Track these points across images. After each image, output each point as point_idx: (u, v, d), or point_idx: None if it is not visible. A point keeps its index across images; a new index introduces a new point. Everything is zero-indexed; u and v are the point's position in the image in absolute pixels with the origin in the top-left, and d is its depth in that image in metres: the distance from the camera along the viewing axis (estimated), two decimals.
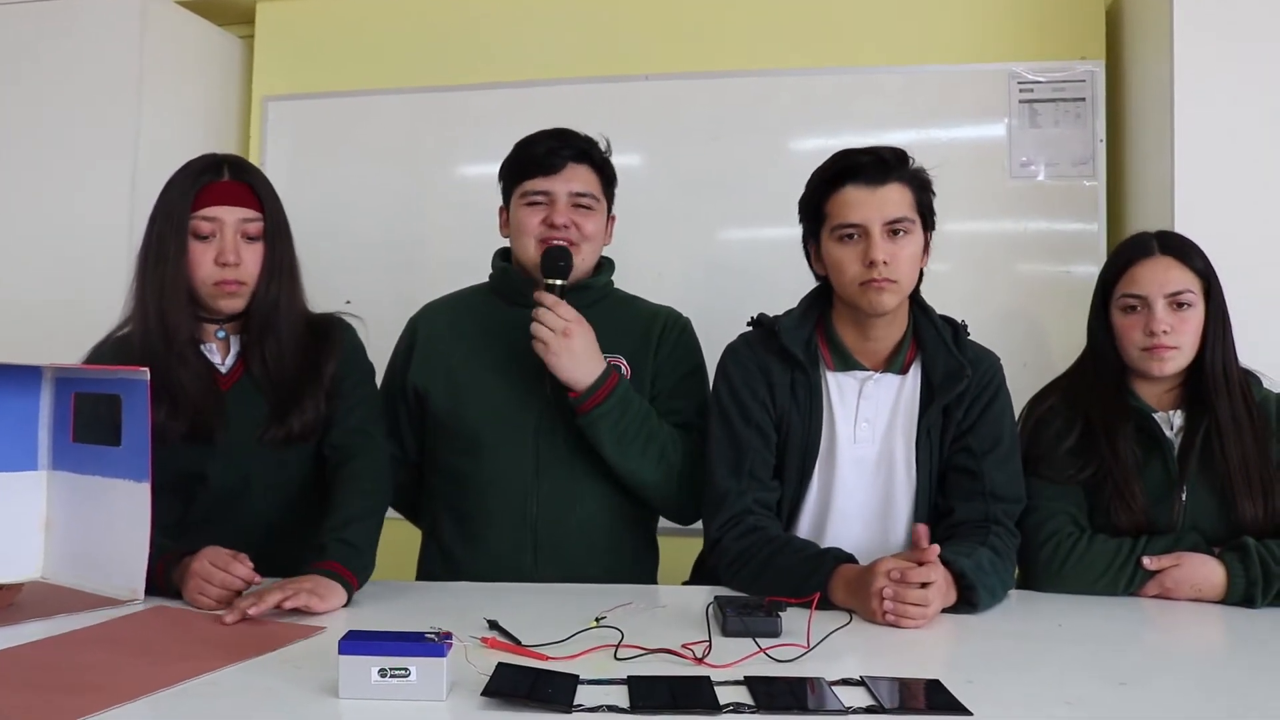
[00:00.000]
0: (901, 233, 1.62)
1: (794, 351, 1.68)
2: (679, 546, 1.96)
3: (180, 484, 1.61)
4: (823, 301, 1.75)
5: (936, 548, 1.43)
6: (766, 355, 1.71)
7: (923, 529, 1.46)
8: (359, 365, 1.77)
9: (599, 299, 1.86)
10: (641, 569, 1.88)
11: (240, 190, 1.63)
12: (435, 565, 1.86)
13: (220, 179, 1.62)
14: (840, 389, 1.70)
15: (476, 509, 1.80)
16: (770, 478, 1.70)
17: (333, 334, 1.73)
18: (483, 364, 1.82)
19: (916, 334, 1.71)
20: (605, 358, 1.73)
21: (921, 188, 1.67)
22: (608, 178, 1.86)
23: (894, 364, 1.70)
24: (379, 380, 1.87)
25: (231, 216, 1.61)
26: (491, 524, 1.79)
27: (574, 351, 1.67)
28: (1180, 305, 1.67)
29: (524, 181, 1.81)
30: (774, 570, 1.55)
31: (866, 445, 1.69)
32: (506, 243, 1.90)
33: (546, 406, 1.76)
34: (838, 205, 1.64)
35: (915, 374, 1.70)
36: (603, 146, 1.86)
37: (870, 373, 1.70)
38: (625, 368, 1.81)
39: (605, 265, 1.91)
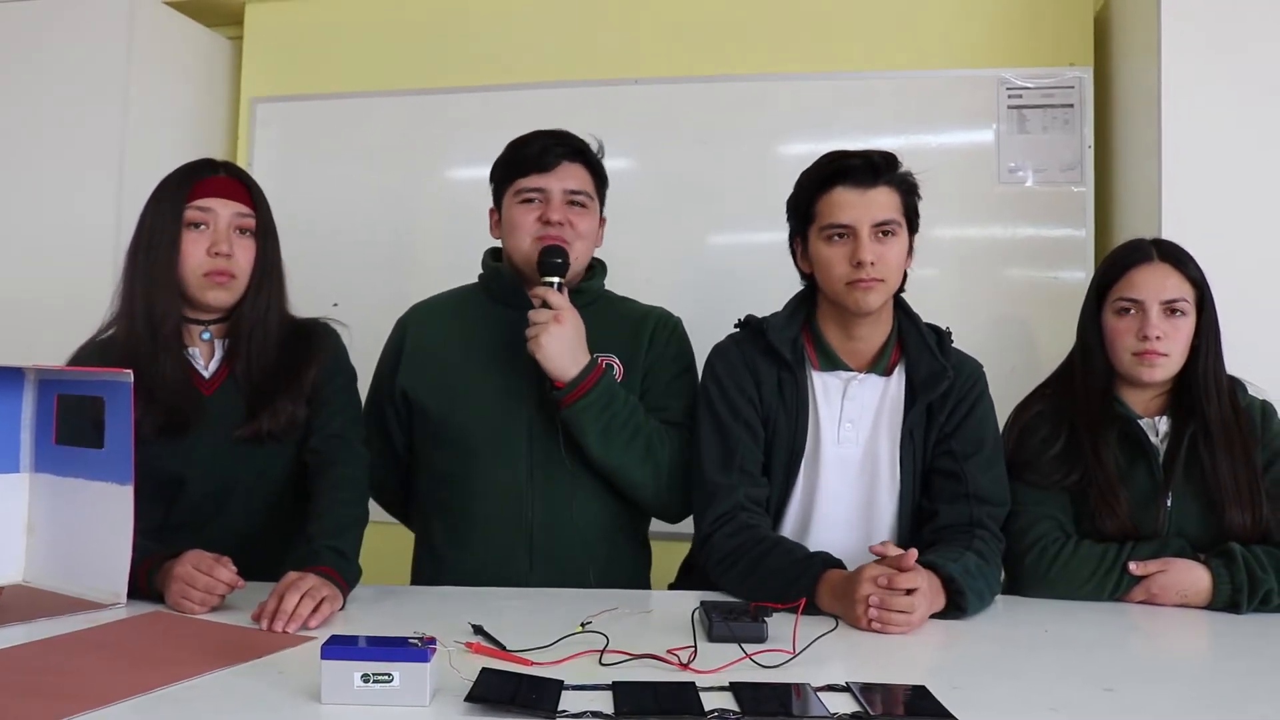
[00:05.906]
0: (889, 234, 1.64)
1: (781, 350, 1.69)
2: (669, 550, 1.96)
3: (161, 488, 1.59)
4: (809, 302, 1.76)
5: (914, 551, 1.43)
6: (754, 354, 1.72)
7: (881, 549, 1.46)
8: (341, 371, 1.76)
9: (591, 301, 1.86)
10: (636, 571, 1.88)
11: (235, 186, 1.66)
12: (427, 569, 1.84)
13: (216, 175, 1.66)
14: (825, 389, 1.71)
15: (469, 513, 1.79)
16: (760, 473, 1.70)
17: (316, 339, 1.72)
18: (474, 365, 1.81)
19: (901, 337, 1.73)
20: (597, 357, 1.72)
21: (909, 191, 1.69)
22: (600, 178, 1.87)
23: (878, 365, 1.71)
24: (367, 382, 1.86)
25: (226, 210, 1.63)
26: (486, 528, 1.77)
27: (563, 338, 1.67)
28: (1174, 312, 1.69)
29: (518, 179, 1.80)
30: (763, 570, 1.55)
31: (850, 445, 1.70)
32: (496, 244, 1.90)
33: (539, 408, 1.75)
34: (827, 205, 1.66)
35: (899, 376, 1.72)
36: (595, 148, 1.86)
37: (855, 373, 1.71)
38: (618, 366, 1.80)
39: (598, 268, 1.91)
